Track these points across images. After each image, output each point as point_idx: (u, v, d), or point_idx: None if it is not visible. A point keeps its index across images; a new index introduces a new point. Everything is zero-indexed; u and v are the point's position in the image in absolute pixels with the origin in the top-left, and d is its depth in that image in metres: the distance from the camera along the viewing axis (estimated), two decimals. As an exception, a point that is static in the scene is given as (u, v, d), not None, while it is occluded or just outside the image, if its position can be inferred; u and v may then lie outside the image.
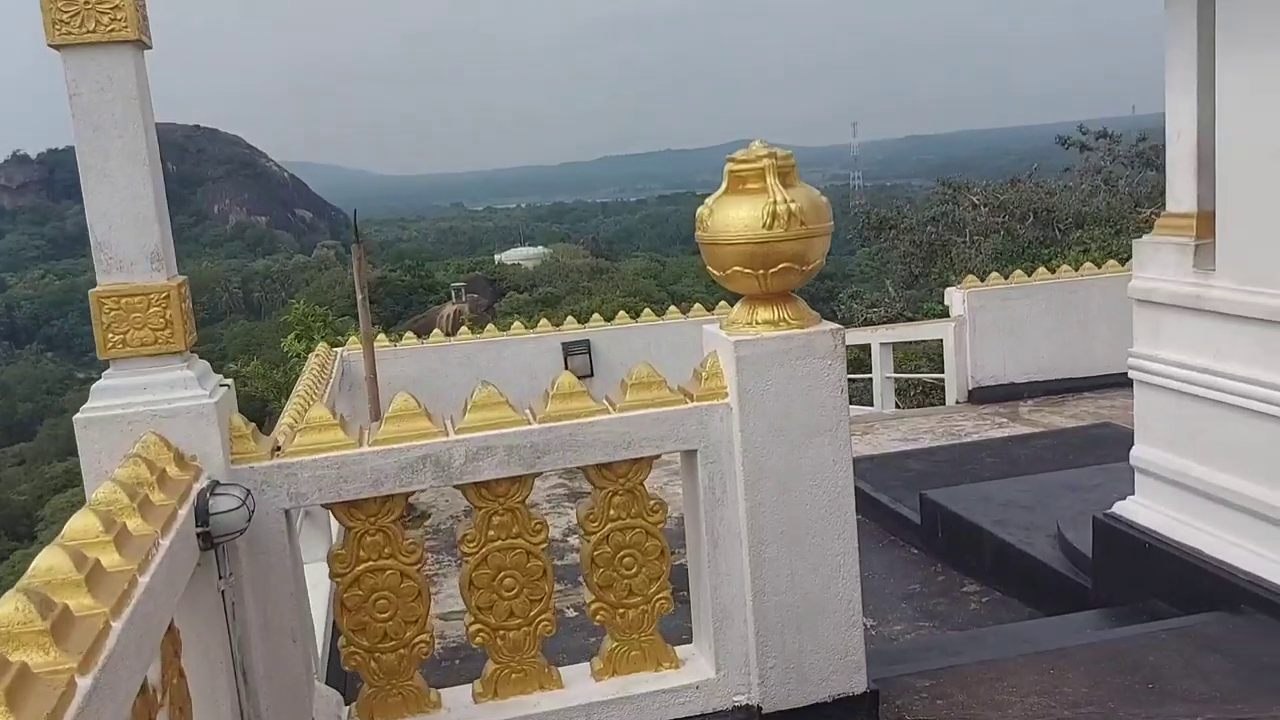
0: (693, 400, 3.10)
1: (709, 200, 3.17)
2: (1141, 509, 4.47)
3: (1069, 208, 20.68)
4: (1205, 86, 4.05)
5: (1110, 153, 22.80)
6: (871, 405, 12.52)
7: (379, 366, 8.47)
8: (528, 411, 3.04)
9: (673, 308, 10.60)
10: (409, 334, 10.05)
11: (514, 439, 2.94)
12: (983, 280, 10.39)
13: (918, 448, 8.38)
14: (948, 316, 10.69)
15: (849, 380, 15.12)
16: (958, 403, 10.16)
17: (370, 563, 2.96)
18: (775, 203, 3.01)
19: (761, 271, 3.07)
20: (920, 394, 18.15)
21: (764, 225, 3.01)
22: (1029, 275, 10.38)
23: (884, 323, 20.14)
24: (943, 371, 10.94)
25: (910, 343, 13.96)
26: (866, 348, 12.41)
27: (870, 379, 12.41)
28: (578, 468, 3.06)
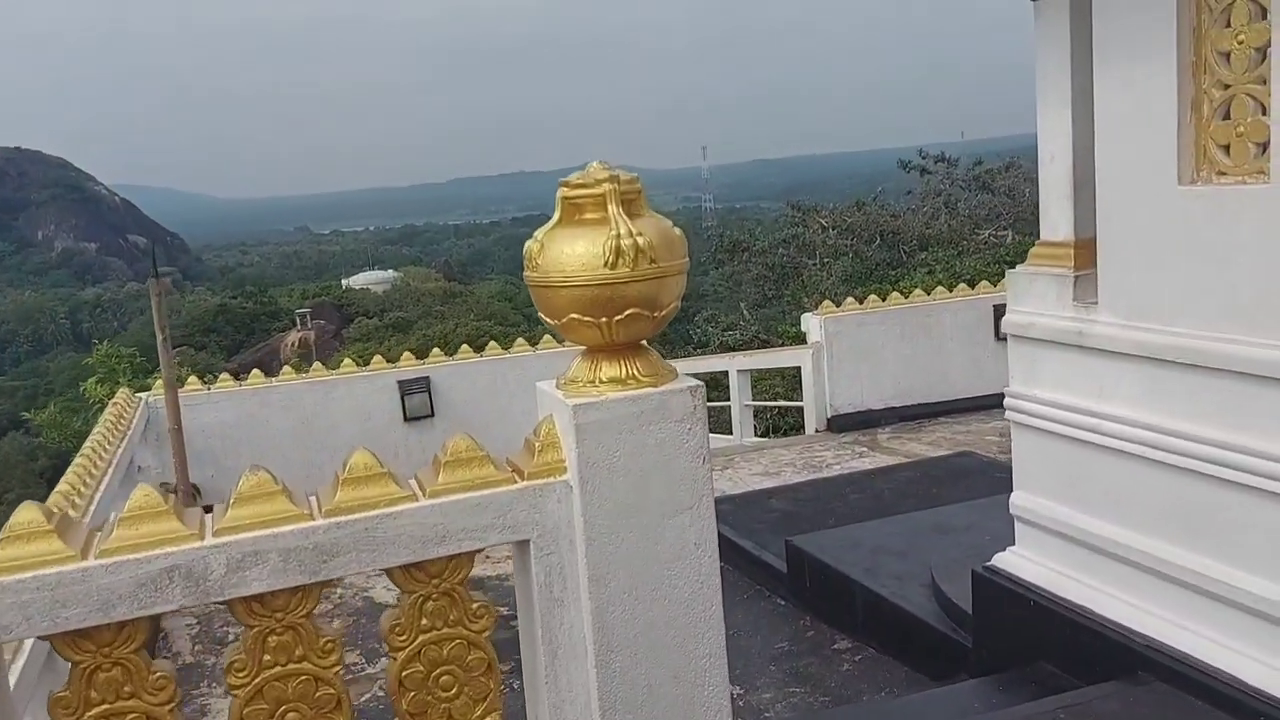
0: (524, 478, 2.53)
1: (539, 233, 2.62)
2: (1023, 562, 4.13)
3: (913, 230, 21.08)
4: (1081, 104, 3.76)
5: (949, 176, 23.42)
6: (731, 435, 12.20)
7: (190, 414, 7.59)
8: (312, 500, 2.41)
9: (520, 340, 9.96)
10: (225, 375, 9.13)
11: (291, 540, 2.30)
12: (838, 305, 10.19)
13: (780, 484, 8.02)
14: (804, 342, 10.46)
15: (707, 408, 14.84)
16: (817, 431, 9.90)
17: (105, 705, 2.27)
18: (619, 236, 2.48)
19: (604, 319, 2.53)
20: (776, 415, 18.07)
21: (606, 264, 2.48)
22: (882, 299, 10.24)
23: (740, 345, 20.04)
24: (797, 393, 10.70)
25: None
26: (725, 373, 12.09)
27: (729, 406, 12.09)
28: (381, 570, 2.44)
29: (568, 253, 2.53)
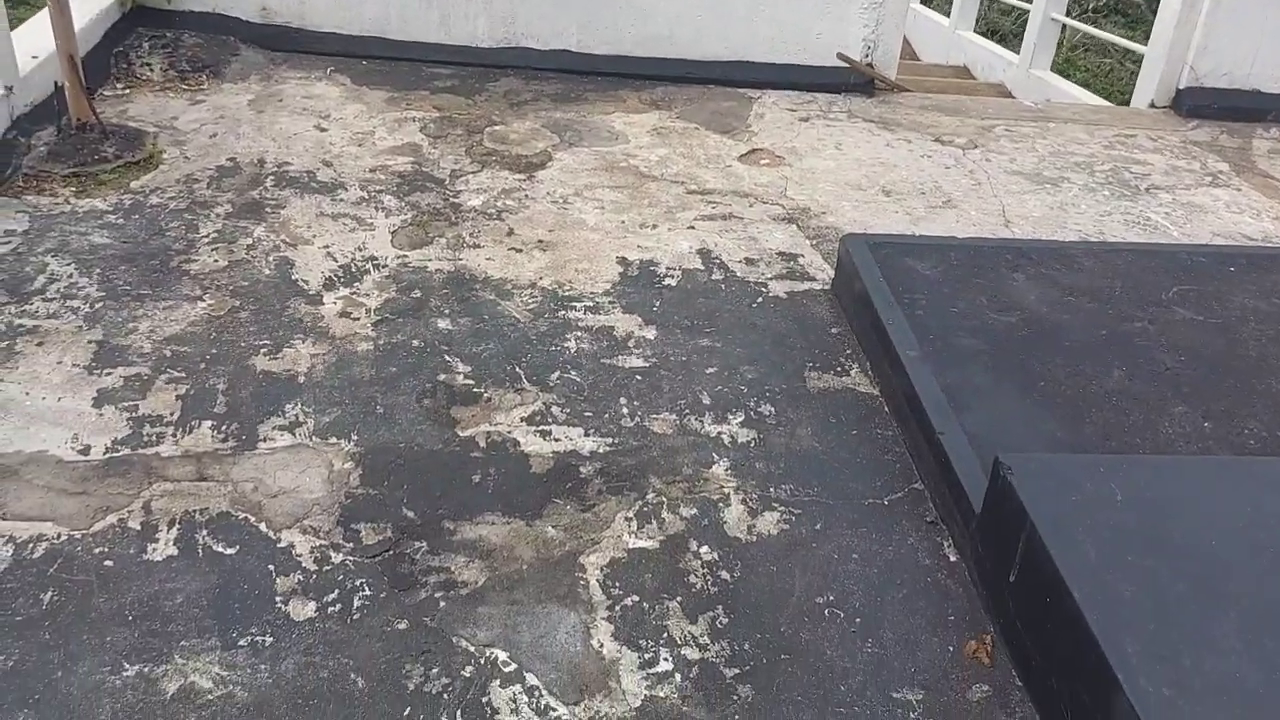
0: None
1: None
2: None
3: None
4: None
5: None
6: (1016, 55, 8.36)
7: None
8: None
9: None
10: None
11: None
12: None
13: (1053, 209, 4.65)
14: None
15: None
16: (1153, 106, 6.11)
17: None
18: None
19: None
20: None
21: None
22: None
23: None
24: (1140, 37, 6.69)
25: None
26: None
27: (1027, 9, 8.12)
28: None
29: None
